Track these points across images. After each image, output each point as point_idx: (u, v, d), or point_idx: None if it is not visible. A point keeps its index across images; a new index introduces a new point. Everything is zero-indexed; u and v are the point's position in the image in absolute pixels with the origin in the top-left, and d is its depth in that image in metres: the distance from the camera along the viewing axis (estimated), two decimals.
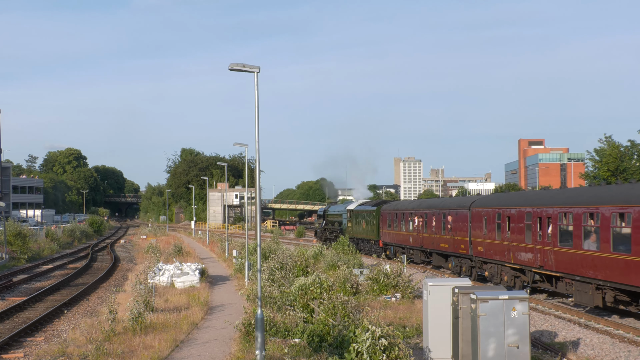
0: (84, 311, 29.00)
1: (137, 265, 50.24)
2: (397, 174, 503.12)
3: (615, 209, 23.01)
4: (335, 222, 69.00)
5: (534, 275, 29.76)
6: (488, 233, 33.94)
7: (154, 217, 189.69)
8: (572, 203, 26.35)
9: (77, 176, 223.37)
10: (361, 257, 45.04)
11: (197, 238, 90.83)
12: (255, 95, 18.53)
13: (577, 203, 25.97)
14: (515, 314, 15.90)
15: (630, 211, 22.12)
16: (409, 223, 47.06)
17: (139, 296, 25.16)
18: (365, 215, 57.57)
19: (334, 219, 69.19)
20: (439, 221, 41.32)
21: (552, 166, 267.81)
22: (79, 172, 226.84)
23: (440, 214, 41.31)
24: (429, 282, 17.89)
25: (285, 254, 36.96)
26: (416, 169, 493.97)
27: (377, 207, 55.19)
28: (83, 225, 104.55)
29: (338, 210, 68.93)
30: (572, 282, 26.09)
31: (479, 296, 16.01)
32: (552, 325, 24.70)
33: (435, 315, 17.48)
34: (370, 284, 31.24)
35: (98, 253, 67.03)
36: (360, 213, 59.04)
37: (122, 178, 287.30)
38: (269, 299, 24.57)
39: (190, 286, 34.71)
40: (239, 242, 60.83)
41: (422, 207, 45.70)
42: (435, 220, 42.08)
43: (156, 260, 44.19)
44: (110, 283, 39.99)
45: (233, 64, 18.70)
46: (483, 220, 34.64)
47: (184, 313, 25.56)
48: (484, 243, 34.55)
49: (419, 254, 46.01)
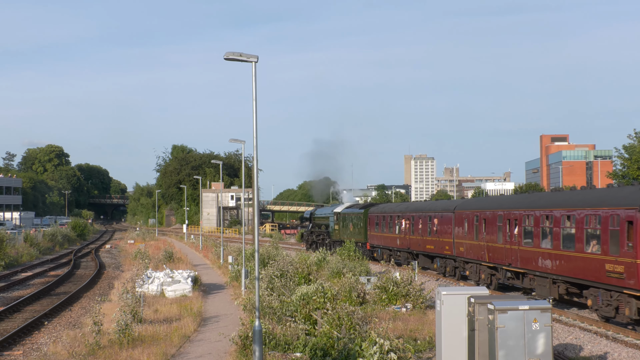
0: (66, 322, 29.04)
1: (124, 272, 50.31)
2: (408, 173, 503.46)
3: (564, 212, 28.46)
4: (322, 225, 71.90)
5: (506, 273, 34.73)
6: (469, 234, 38.76)
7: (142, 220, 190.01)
8: (534, 206, 31.58)
9: (58, 175, 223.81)
10: (368, 264, 45.11)
11: (190, 243, 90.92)
12: (253, 87, 18.55)
13: (537, 206, 31.16)
14: (537, 325, 15.89)
15: (574, 214, 27.69)
16: (396, 226, 51.48)
17: (126, 306, 25.19)
18: (353, 218, 61.45)
19: (321, 222, 72.27)
20: (425, 224, 46.11)
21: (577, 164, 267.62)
22: (60, 171, 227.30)
23: (426, 217, 46.14)
24: (442, 291, 17.88)
25: (286, 261, 36.99)
26: (428, 168, 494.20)
27: (364, 210, 59.31)
28: (65, 229, 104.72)
29: (325, 213, 71.67)
30: (534, 277, 31.31)
31: (497, 306, 16.00)
32: (576, 338, 24.69)
33: (449, 327, 17.47)
34: (378, 293, 31.24)
35: (81, 259, 67.13)
36: (348, 216, 62.91)
37: (107, 177, 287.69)
38: (267, 310, 24.58)
39: (181, 295, 34.74)
40: (235, 248, 60.90)
41: (409, 210, 50.45)
42: (421, 223, 46.82)
43: (145, 267, 44.26)
44: (95, 292, 40.04)
45: (229, 53, 18.72)
46: (465, 222, 39.43)
47: (175, 325, 25.58)
48: (465, 244, 39.47)
49: (406, 256, 50.17)
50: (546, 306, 16.09)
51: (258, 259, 18.38)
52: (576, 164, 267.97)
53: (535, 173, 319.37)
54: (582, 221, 26.94)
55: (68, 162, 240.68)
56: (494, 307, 16.02)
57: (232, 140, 40.42)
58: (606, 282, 25.31)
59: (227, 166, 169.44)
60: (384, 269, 44.15)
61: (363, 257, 47.32)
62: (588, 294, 27.24)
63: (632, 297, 24.21)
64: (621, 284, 24.33)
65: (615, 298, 25.29)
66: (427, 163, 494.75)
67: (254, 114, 18.46)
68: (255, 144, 18.55)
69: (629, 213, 23.95)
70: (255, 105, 18.52)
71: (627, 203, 24.36)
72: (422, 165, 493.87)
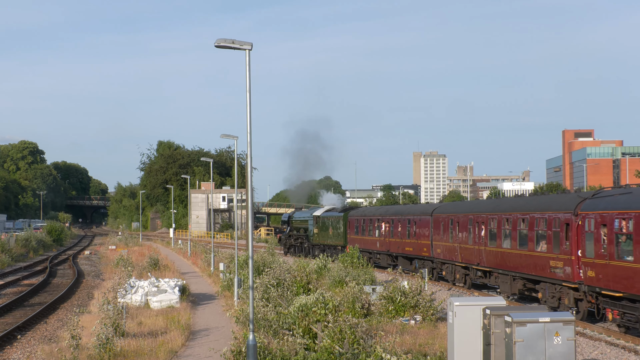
0: (40, 336, 29.05)
1: (104, 281, 50.34)
2: (417, 172, 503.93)
3: (519, 215, 34.98)
4: (300, 229, 76.88)
5: (476, 272, 40.68)
6: (445, 236, 44.78)
7: (125, 223, 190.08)
8: (497, 210, 38.13)
9: (32, 174, 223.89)
10: (374, 272, 45.18)
11: (177, 249, 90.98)
12: (246, 77, 18.56)
13: (500, 210, 37.81)
14: (559, 339, 15.91)
15: (527, 217, 34.18)
16: (376, 229, 57.38)
17: (106, 318, 25.19)
18: (332, 221, 66.71)
19: (300, 225, 77.24)
20: (404, 227, 52.19)
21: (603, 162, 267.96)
22: (35, 169, 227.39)
23: (405, 220, 52.14)
24: (455, 301, 17.91)
25: (283, 268, 37.01)
26: (440, 166, 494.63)
27: (344, 214, 64.54)
28: (40, 233, 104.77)
29: (304, 217, 76.87)
30: (498, 275, 37.38)
31: (515, 319, 16.02)
32: (602, 353, 24.70)
33: (463, 342, 17.49)
34: (384, 304, 31.28)
35: (58, 267, 67.16)
36: (327, 219, 68.11)
37: (86, 177, 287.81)
38: (262, 322, 24.60)
39: (168, 306, 34.77)
40: (227, 254, 60.94)
41: (389, 213, 56.48)
42: (401, 226, 52.85)
43: (128, 275, 44.28)
44: (73, 303, 40.06)
45: (220, 40, 18.73)
46: (441, 225, 45.43)
47: (161, 339, 25.59)
48: (441, 246, 45.39)
49: (386, 258, 56.03)
50: (569, 318, 16.11)
51: (252, 266, 18.39)
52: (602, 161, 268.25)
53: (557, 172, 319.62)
54: (533, 224, 33.45)
55: (43, 160, 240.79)
56: (511, 319, 16.05)
57: (224, 135, 40.45)
58: (551, 276, 31.61)
59: (218, 164, 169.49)
60: (390, 278, 44.26)
61: (367, 264, 47.49)
62: (539, 288, 33.28)
63: (570, 289, 30.28)
64: (561, 277, 30.66)
65: (558, 290, 31.42)
66: (438, 161, 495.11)
67: (247, 107, 18.47)
68: (249, 140, 18.56)
69: (567, 216, 30.36)
70: (249, 96, 18.52)
71: (565, 208, 30.91)
72: (433, 163, 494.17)
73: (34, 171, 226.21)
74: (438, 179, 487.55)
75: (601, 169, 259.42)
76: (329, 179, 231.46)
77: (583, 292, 29.24)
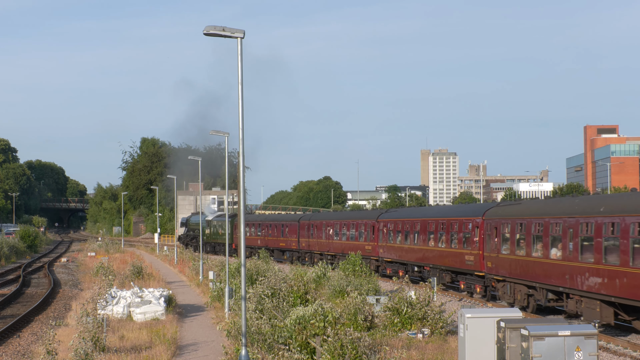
0: (13, 351, 29.05)
1: (83, 291, 50.36)
2: (425, 172, 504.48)
3: (442, 220, 47.50)
4: (196, 230, 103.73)
5: (413, 267, 51.64)
6: (392, 238, 55.50)
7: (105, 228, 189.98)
8: (426, 216, 51.34)
9: (4, 174, 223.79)
10: (378, 281, 45.23)
11: (163, 256, 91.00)
12: (238, 67, 18.58)
13: (427, 216, 51.09)
14: (580, 355, 15.92)
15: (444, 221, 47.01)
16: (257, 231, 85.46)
17: (85, 331, 25.20)
18: (222, 224, 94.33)
19: (195, 227, 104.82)
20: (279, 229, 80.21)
21: (628, 161, 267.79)
22: (6, 168, 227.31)
23: (280, 225, 75.68)
24: (466, 313, 17.93)
25: (278, 277, 36.98)
26: (450, 165, 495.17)
27: (231, 219, 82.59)
28: (12, 238, 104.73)
29: (197, 220, 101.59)
30: (430, 269, 48.44)
31: (532, 332, 16.03)
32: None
33: (475, 357, 17.50)
34: (389, 316, 31.30)
35: (32, 275, 67.15)
36: (217, 223, 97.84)
37: (63, 177, 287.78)
38: (256, 336, 24.61)
39: (153, 319, 34.80)
40: (217, 262, 60.94)
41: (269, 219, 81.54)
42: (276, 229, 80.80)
43: (108, 285, 44.25)
44: (48, 315, 40.07)
45: (209, 27, 18.74)
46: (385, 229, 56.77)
47: (145, 354, 25.61)
48: (384, 246, 56.72)
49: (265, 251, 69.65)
50: (591, 332, 16.11)
51: (245, 274, 18.39)
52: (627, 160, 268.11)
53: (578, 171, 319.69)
54: (450, 226, 45.61)
55: (16, 159, 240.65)
56: (528, 332, 16.06)
57: (214, 132, 40.47)
58: (466, 268, 43.16)
59: (208, 163, 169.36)
60: (395, 287, 44.29)
61: (371, 272, 47.57)
62: (460, 278, 44.89)
63: (480, 278, 41.87)
64: (473, 268, 42.35)
65: (471, 280, 43.13)
66: (448, 159, 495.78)
67: (239, 100, 18.48)
68: (241, 137, 18.57)
69: (477, 220, 42.28)
70: (241, 89, 18.54)
71: (476, 214, 43.05)
72: (442, 162, 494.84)
73: (6, 171, 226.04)
74: (448, 180, 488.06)
75: (626, 169, 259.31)
76: (328, 180, 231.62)
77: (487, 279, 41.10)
